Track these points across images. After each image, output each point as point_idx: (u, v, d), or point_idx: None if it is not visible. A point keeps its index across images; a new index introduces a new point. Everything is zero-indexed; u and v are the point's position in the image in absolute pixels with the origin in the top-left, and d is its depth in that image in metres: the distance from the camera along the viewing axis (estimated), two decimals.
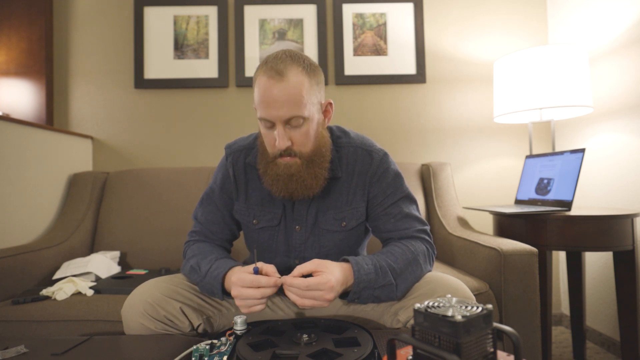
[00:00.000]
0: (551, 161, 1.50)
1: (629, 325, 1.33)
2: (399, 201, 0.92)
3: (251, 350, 0.67)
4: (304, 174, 0.84)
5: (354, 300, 0.82)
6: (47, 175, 1.61)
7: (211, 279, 0.84)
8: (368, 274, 0.79)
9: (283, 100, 0.78)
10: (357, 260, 0.81)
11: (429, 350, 0.38)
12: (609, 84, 1.63)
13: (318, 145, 0.86)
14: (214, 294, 0.85)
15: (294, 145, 0.82)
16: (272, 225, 0.94)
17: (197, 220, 1.01)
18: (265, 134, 0.84)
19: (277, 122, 0.80)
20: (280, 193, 0.86)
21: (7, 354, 0.70)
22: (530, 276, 1.15)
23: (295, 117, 0.80)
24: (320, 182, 0.86)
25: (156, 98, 1.95)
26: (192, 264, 0.90)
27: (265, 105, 0.79)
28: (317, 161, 0.85)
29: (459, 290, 0.81)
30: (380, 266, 0.81)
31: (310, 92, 0.81)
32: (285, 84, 0.78)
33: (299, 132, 0.82)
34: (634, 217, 1.31)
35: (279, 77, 0.78)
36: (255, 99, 0.82)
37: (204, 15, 1.95)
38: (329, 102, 0.89)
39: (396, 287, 0.82)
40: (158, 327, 0.82)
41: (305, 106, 0.80)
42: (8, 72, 1.89)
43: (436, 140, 1.98)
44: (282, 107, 0.78)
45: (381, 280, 0.80)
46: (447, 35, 2.00)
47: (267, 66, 0.80)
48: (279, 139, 0.80)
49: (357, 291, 0.79)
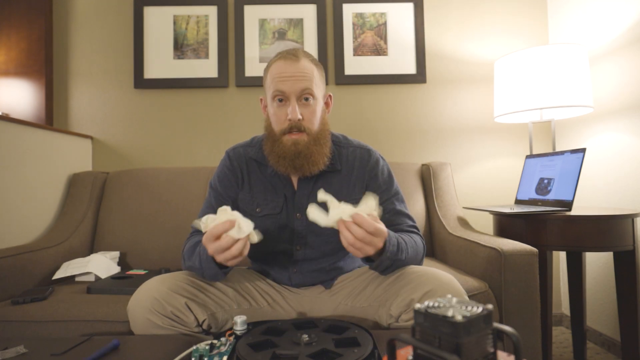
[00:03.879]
0: (551, 161, 1.50)
1: (629, 325, 1.32)
2: (393, 198, 1.00)
3: (251, 350, 0.67)
4: (312, 149, 0.92)
5: (374, 268, 0.87)
6: (47, 175, 1.61)
7: (206, 264, 0.86)
8: (394, 246, 0.84)
9: (299, 75, 0.90)
10: (388, 232, 0.84)
11: (429, 351, 0.38)
12: (609, 84, 1.63)
13: (322, 129, 0.96)
14: (216, 277, 0.88)
15: (303, 120, 0.92)
16: (275, 213, 0.99)
17: (194, 226, 1.02)
18: (276, 111, 0.93)
19: (291, 95, 0.90)
20: (287, 169, 0.93)
21: (7, 354, 0.70)
22: (531, 276, 1.15)
23: (307, 91, 0.91)
24: (323, 159, 0.95)
25: (156, 98, 1.95)
26: (189, 265, 0.92)
27: (281, 80, 0.90)
28: (321, 141, 0.95)
29: (449, 284, 0.83)
30: (400, 243, 0.87)
31: (318, 77, 0.95)
32: (300, 64, 0.91)
33: (309, 109, 0.92)
34: (634, 217, 1.30)
35: (294, 58, 0.91)
36: (269, 80, 0.93)
37: (203, 15, 1.95)
38: (329, 94, 1.03)
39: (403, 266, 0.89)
40: (165, 323, 0.83)
41: (316, 85, 0.93)
42: (8, 72, 1.89)
43: (436, 140, 1.98)
44: (298, 81, 0.90)
45: (399, 255, 0.86)
46: (448, 35, 2.00)
47: (281, 54, 0.93)
48: (292, 111, 0.90)
49: (384, 260, 0.84)
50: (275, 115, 0.93)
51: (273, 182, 1.00)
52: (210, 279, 0.91)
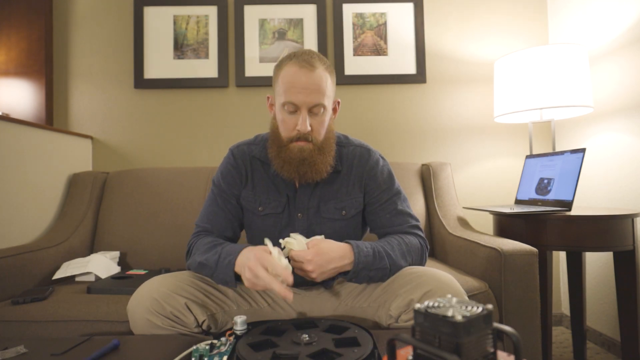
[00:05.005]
0: (551, 161, 1.50)
1: (629, 325, 1.33)
2: (394, 197, 1.01)
3: (251, 350, 0.67)
4: (316, 158, 0.92)
5: (352, 280, 0.89)
6: (47, 175, 1.61)
7: (223, 268, 0.87)
8: (367, 256, 0.87)
9: (312, 88, 0.88)
10: (358, 244, 0.89)
11: (429, 351, 0.38)
12: (609, 84, 1.63)
13: (328, 137, 0.96)
14: (227, 283, 0.89)
15: (312, 131, 0.91)
16: (276, 213, 1.00)
17: (199, 223, 1.03)
18: (286, 118, 0.92)
19: (302, 107, 0.89)
20: (291, 175, 0.94)
21: (7, 355, 0.70)
22: (531, 276, 1.15)
23: (318, 105, 0.90)
24: (327, 168, 0.95)
25: (156, 98, 1.95)
26: (200, 260, 0.91)
27: (295, 90, 0.88)
28: (327, 150, 0.95)
29: (449, 284, 0.83)
30: (378, 251, 0.89)
31: (330, 87, 0.93)
32: (315, 75, 0.89)
33: (318, 120, 0.92)
34: (634, 217, 1.30)
35: (310, 67, 0.89)
36: (281, 86, 0.91)
37: (203, 15, 1.95)
38: (337, 100, 1.02)
39: (389, 272, 0.90)
40: (164, 324, 0.83)
41: (327, 97, 0.92)
42: (8, 72, 1.89)
43: (436, 140, 1.98)
44: (311, 94, 0.88)
45: (377, 263, 0.88)
46: (448, 35, 2.00)
47: (296, 59, 0.90)
48: (302, 123, 0.89)
49: (356, 271, 0.87)
50: (284, 122, 0.93)
51: (276, 181, 1.00)
52: (218, 282, 0.91)
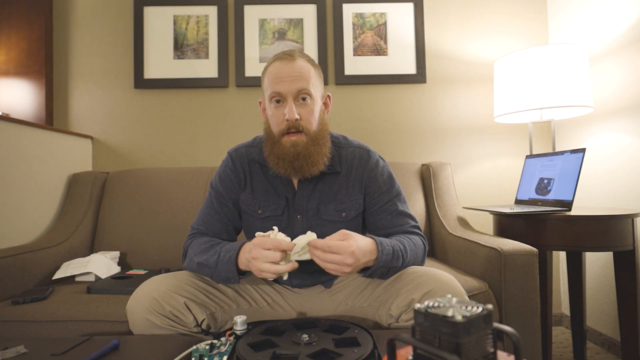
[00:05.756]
0: (551, 161, 1.50)
1: (629, 325, 1.32)
2: (394, 198, 1.00)
3: (251, 350, 0.67)
4: (310, 150, 0.91)
5: (367, 276, 0.88)
6: (47, 175, 1.61)
7: (224, 265, 0.87)
8: (388, 254, 0.85)
9: (294, 75, 0.90)
10: (381, 240, 0.86)
11: (429, 351, 0.38)
12: (609, 84, 1.63)
13: (321, 129, 0.95)
14: (229, 280, 0.89)
15: (301, 120, 0.91)
16: (276, 215, 0.99)
17: (195, 225, 1.03)
18: (274, 112, 0.93)
19: (288, 96, 0.90)
20: (286, 171, 0.93)
21: (7, 354, 0.70)
22: (531, 276, 1.15)
23: (304, 91, 0.90)
24: (323, 159, 0.94)
25: (156, 98, 1.95)
26: (199, 261, 0.91)
27: (278, 81, 0.90)
28: (320, 141, 0.94)
29: (449, 284, 0.83)
30: (396, 250, 0.87)
31: (315, 77, 0.94)
32: (296, 64, 0.91)
33: (306, 108, 0.92)
34: (634, 217, 1.30)
35: (290, 58, 0.91)
36: (266, 82, 0.94)
37: (203, 15, 1.95)
38: (328, 94, 1.02)
39: (398, 271, 0.90)
40: (164, 323, 0.83)
41: (312, 85, 0.92)
42: (8, 72, 1.89)
43: (436, 140, 1.98)
44: (294, 82, 0.90)
45: (394, 262, 0.87)
46: (448, 35, 2.00)
47: (277, 56, 0.94)
48: (289, 110, 0.89)
49: (376, 269, 0.86)
50: (273, 116, 0.93)
51: (274, 183, 1.00)
52: (221, 281, 0.91)
